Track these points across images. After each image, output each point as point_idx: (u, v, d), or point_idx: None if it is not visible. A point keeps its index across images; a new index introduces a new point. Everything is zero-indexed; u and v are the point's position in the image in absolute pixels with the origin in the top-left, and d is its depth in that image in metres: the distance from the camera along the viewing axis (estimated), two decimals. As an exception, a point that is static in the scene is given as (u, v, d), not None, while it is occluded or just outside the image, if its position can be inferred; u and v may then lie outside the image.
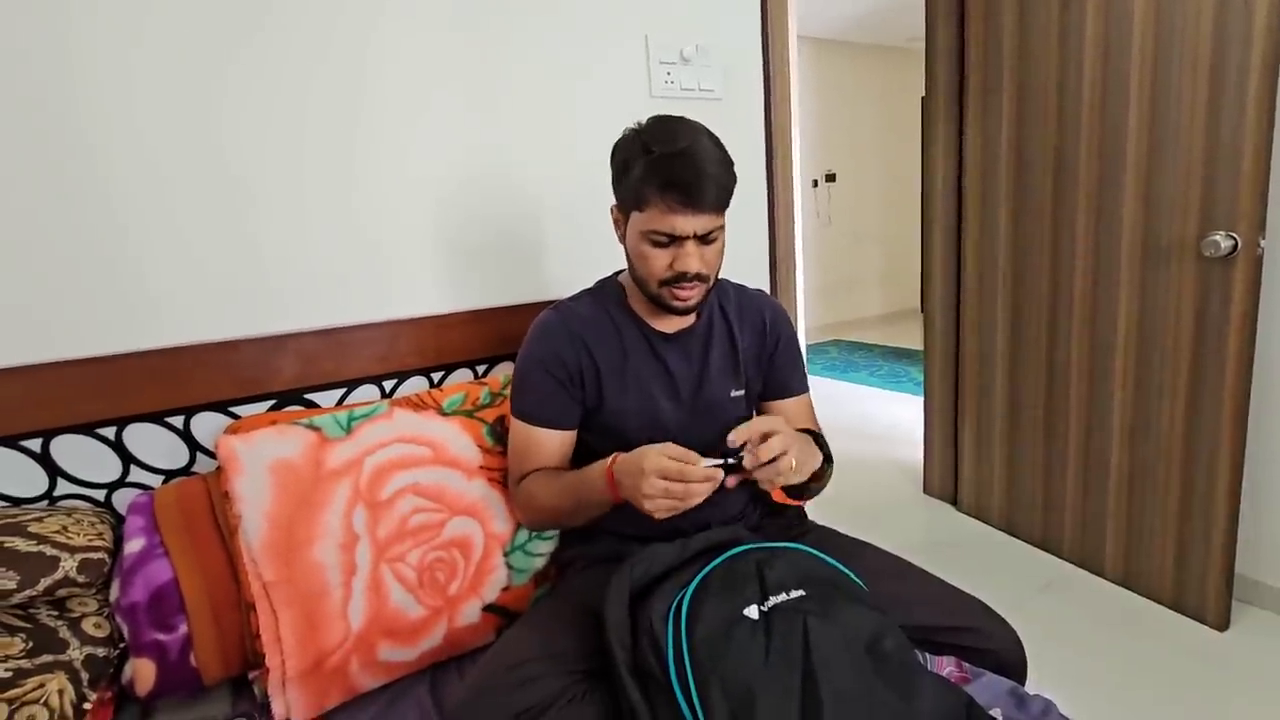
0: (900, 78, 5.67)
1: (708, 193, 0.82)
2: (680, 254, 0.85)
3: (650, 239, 0.86)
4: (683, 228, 0.83)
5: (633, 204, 0.87)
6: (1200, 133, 1.43)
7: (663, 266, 0.86)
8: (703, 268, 0.86)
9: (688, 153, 0.82)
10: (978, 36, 1.90)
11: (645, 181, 0.83)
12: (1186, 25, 1.42)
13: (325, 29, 1.06)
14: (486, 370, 1.25)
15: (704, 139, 0.85)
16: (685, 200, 0.82)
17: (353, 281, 1.13)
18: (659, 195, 0.82)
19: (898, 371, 4.13)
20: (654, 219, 0.84)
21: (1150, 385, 1.60)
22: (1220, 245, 1.41)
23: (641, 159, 0.84)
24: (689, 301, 0.89)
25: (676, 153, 0.82)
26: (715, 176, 0.83)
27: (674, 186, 0.81)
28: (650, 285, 0.89)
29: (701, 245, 0.86)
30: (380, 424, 0.99)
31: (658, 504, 0.75)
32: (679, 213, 0.82)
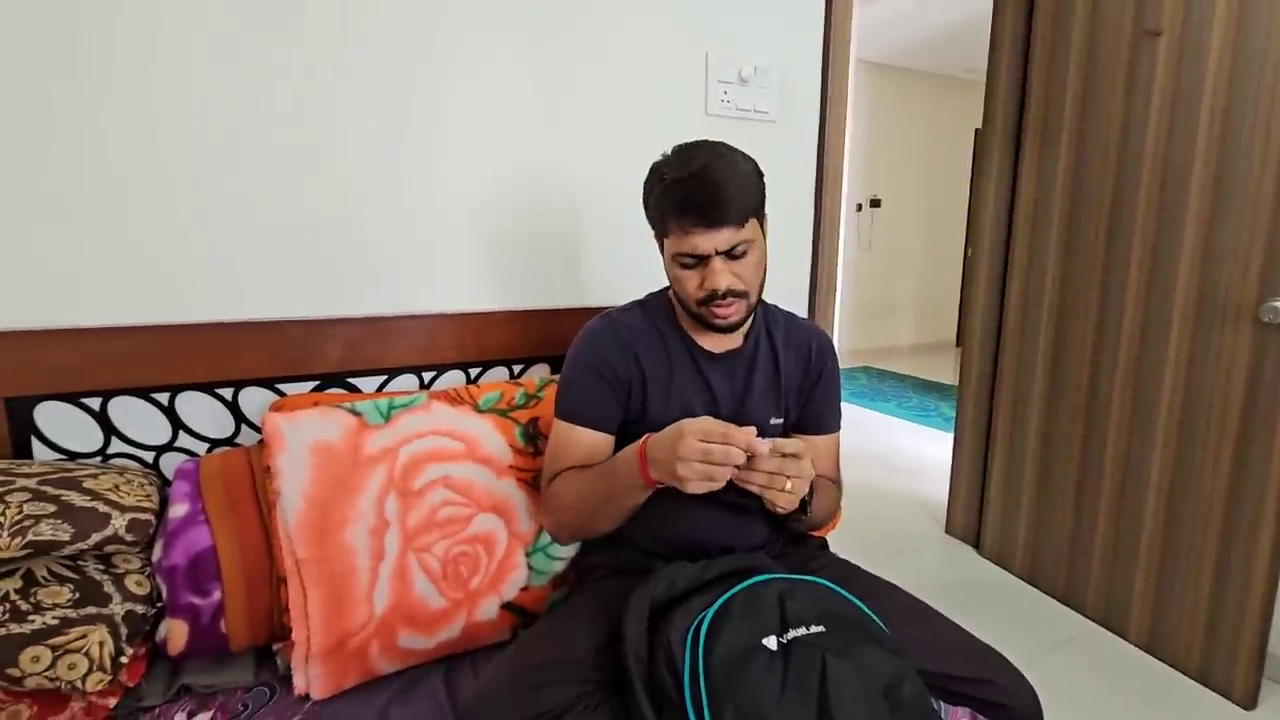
0: (953, 107, 5.61)
1: (722, 209, 0.83)
2: (708, 273, 0.86)
3: (679, 262, 0.89)
4: (703, 246, 0.85)
5: (660, 230, 0.91)
6: (1269, 193, 1.39)
7: (695, 287, 0.88)
8: (735, 283, 0.87)
9: (699, 174, 0.84)
10: (1041, 74, 1.87)
11: (663, 208, 0.87)
12: (1264, 79, 1.38)
13: (392, 20, 1.10)
14: (522, 371, 1.27)
15: (721, 157, 0.86)
16: (700, 220, 0.84)
17: (399, 272, 1.16)
18: (676, 219, 0.86)
19: (927, 405, 4.07)
20: (677, 242, 0.87)
21: (1193, 448, 1.56)
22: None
23: (658, 187, 0.88)
24: (729, 318, 0.89)
25: (688, 175, 0.84)
26: (731, 191, 0.84)
27: (688, 208, 0.84)
28: (690, 306, 0.91)
29: (729, 260, 0.87)
30: (418, 415, 1.01)
31: (694, 468, 0.73)
32: (696, 233, 0.84)
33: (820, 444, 1.03)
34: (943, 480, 2.37)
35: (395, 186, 1.14)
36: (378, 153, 1.12)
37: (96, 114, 0.94)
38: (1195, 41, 1.49)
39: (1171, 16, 1.53)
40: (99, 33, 0.93)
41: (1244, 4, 1.40)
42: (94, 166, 0.95)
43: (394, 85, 1.11)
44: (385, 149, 1.12)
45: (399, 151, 1.13)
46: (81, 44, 0.92)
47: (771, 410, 0.99)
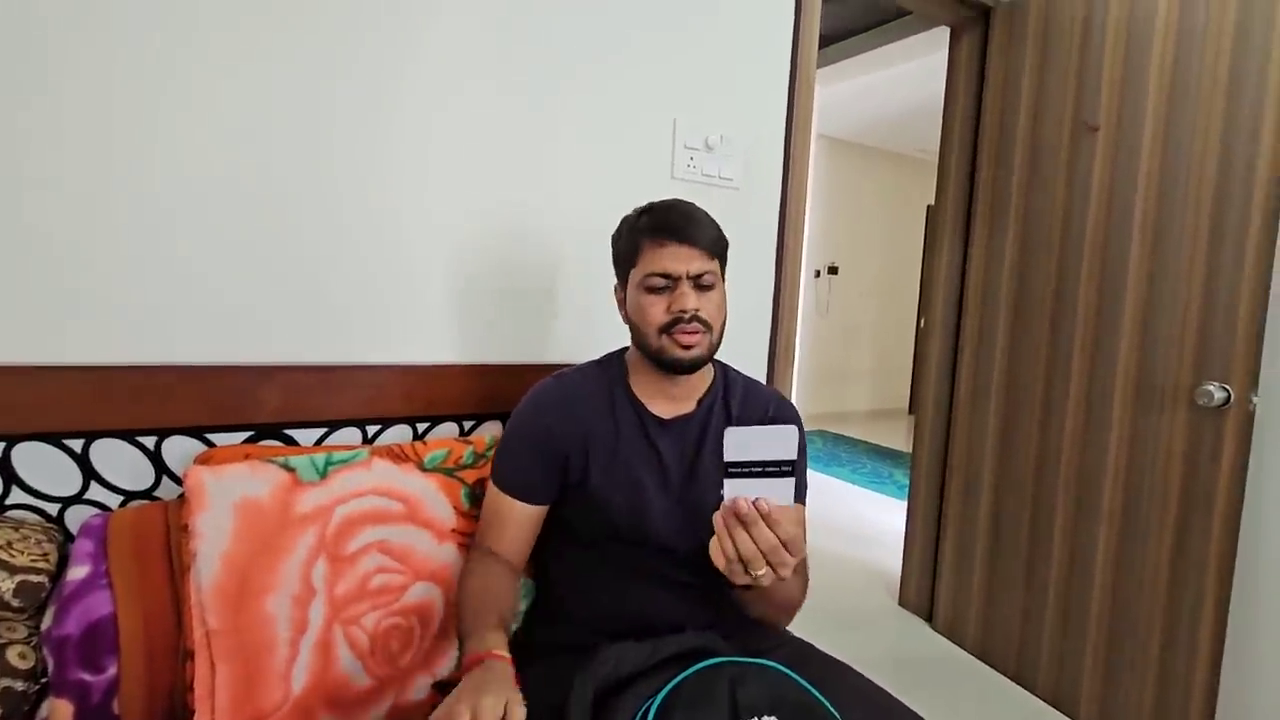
0: (907, 183, 5.90)
1: (697, 231, 0.87)
2: (677, 295, 0.87)
3: (647, 286, 0.88)
4: (675, 266, 0.86)
5: (628, 261, 0.92)
6: (1199, 283, 1.47)
7: (661, 311, 0.87)
8: (701, 309, 0.87)
9: (674, 204, 0.91)
10: (989, 159, 1.97)
11: (638, 232, 0.90)
12: (1190, 176, 1.48)
13: (363, 64, 1.09)
14: (473, 428, 1.22)
15: (693, 204, 0.93)
16: (674, 237, 0.86)
17: (352, 320, 1.12)
18: (650, 239, 0.88)
19: (881, 472, 4.11)
20: (648, 263, 0.88)
21: (1136, 528, 1.58)
22: (1214, 396, 1.43)
23: (631, 221, 0.93)
24: (693, 348, 0.87)
25: (665, 206, 0.91)
26: (704, 223, 0.89)
27: (664, 227, 0.88)
28: (651, 339, 0.89)
29: (698, 290, 0.88)
30: (357, 472, 0.96)
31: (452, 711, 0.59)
32: (669, 251, 0.86)
33: None
34: (896, 550, 2.37)
35: (357, 232, 1.10)
36: (340, 195, 1.09)
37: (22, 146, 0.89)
38: (1130, 136, 1.59)
39: (1108, 112, 1.64)
40: (57, 61, 0.89)
41: (1171, 102, 1.51)
42: (7, 197, 0.89)
43: (363, 129, 1.09)
44: (348, 191, 1.09)
45: (362, 195, 1.10)
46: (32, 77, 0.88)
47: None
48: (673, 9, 1.39)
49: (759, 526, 0.63)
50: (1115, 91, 1.63)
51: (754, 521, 0.63)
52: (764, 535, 0.64)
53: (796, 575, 0.85)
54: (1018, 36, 1.87)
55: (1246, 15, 1.39)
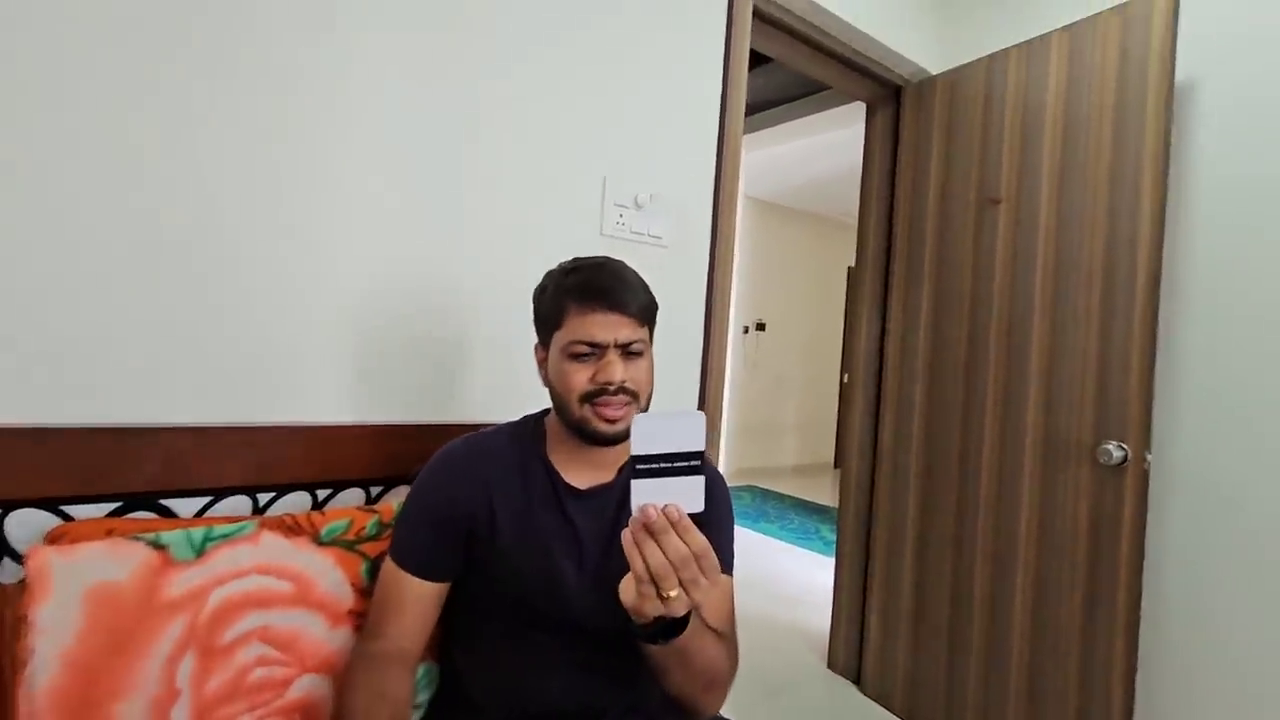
0: (830, 244, 6.19)
1: (626, 297, 0.83)
2: (603, 364, 0.82)
3: (570, 353, 0.83)
4: (603, 334, 0.81)
5: (553, 324, 0.86)
6: (1095, 347, 1.56)
7: (584, 380, 0.82)
8: (628, 380, 0.82)
9: (604, 265, 0.87)
10: (904, 226, 2.07)
11: (564, 294, 0.84)
12: (1083, 248, 1.59)
13: (270, 97, 1.03)
14: (381, 494, 1.13)
15: (622, 263, 0.89)
16: (605, 303, 0.82)
17: (241, 374, 1.01)
18: (577, 302, 0.83)
19: (808, 528, 4.13)
20: (573, 328, 0.83)
21: (1050, 583, 1.63)
22: (1113, 454, 1.50)
23: (557, 279, 0.87)
24: (616, 422, 0.82)
25: (593, 265, 0.87)
26: (634, 288, 0.85)
27: (592, 291, 0.83)
28: (572, 409, 0.83)
29: (625, 358, 0.83)
30: (241, 548, 0.85)
31: None
32: (597, 317, 0.82)
33: None
34: (825, 610, 2.35)
35: (252, 279, 1.02)
36: (233, 241, 1.00)
37: None
38: (1029, 210, 1.71)
39: (1009, 187, 1.76)
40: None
41: (1063, 179, 1.63)
42: None
43: (261, 173, 1.02)
44: (242, 238, 1.01)
45: (258, 242, 1.02)
46: None
47: None
48: (604, 67, 1.41)
49: (669, 535, 0.59)
50: (1014, 167, 1.75)
51: (664, 530, 0.59)
52: (674, 545, 0.59)
53: (723, 642, 0.80)
54: (926, 113, 2.00)
55: (1123, 100, 1.52)
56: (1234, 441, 1.51)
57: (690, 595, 0.60)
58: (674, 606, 0.61)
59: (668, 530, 0.59)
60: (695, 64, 1.58)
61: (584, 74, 1.38)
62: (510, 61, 1.27)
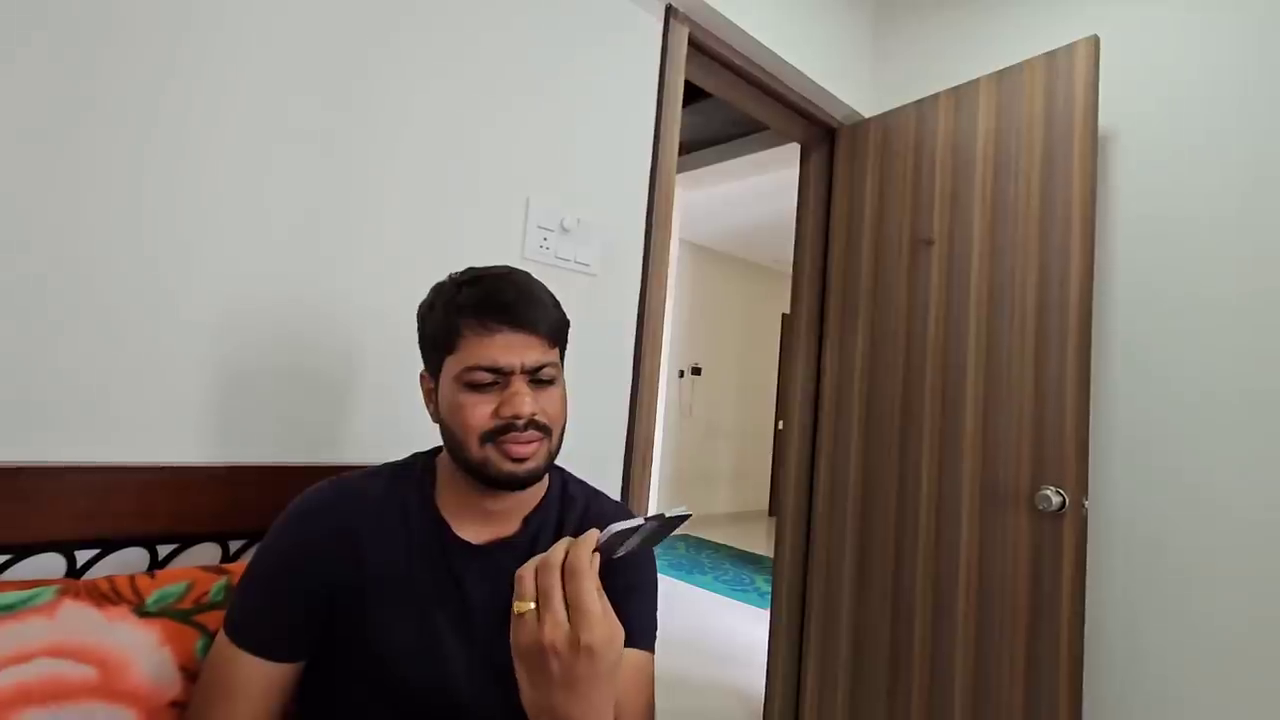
0: (764, 291, 6.27)
1: (534, 312, 0.70)
2: (508, 395, 0.68)
3: (467, 381, 0.68)
4: (508, 358, 0.67)
5: (443, 347, 0.71)
6: (1030, 390, 1.53)
7: (485, 415, 0.67)
8: (539, 413, 0.69)
9: (505, 275, 0.72)
10: (838, 269, 2.04)
11: (457, 311, 0.69)
12: (1015, 290, 1.58)
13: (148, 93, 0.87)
14: (242, 550, 0.94)
15: (528, 274, 0.75)
16: (508, 318, 0.68)
17: (65, 403, 0.83)
18: (474, 319, 0.68)
19: (742, 578, 4.01)
20: (470, 351, 0.68)
21: (990, 633, 1.55)
22: (1051, 500, 1.46)
23: (450, 291, 0.72)
24: (527, 464, 0.68)
25: (493, 274, 0.72)
26: (543, 303, 0.72)
27: (493, 306, 0.68)
28: (471, 449, 0.68)
29: (535, 386, 0.69)
30: (30, 623, 0.66)
31: None
32: (500, 334, 0.68)
33: (624, 673, 0.68)
34: (759, 668, 2.21)
35: (58, 281, 0.84)
36: (61, 236, 0.83)
37: None
38: (961, 251, 1.69)
39: (940, 227, 1.75)
40: None
41: (994, 220, 1.63)
42: None
43: (110, 153, 0.86)
44: (73, 231, 0.84)
45: (102, 240, 0.85)
46: None
47: None
48: (531, 84, 1.31)
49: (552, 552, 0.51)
50: (946, 209, 1.74)
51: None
52: (549, 555, 0.50)
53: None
54: (859, 155, 2.00)
55: (1050, 144, 1.54)
56: (1164, 486, 1.49)
57: (539, 621, 0.48)
58: (519, 624, 0.49)
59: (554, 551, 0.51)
60: (629, 90, 1.51)
61: (509, 88, 1.28)
62: (424, 65, 1.16)
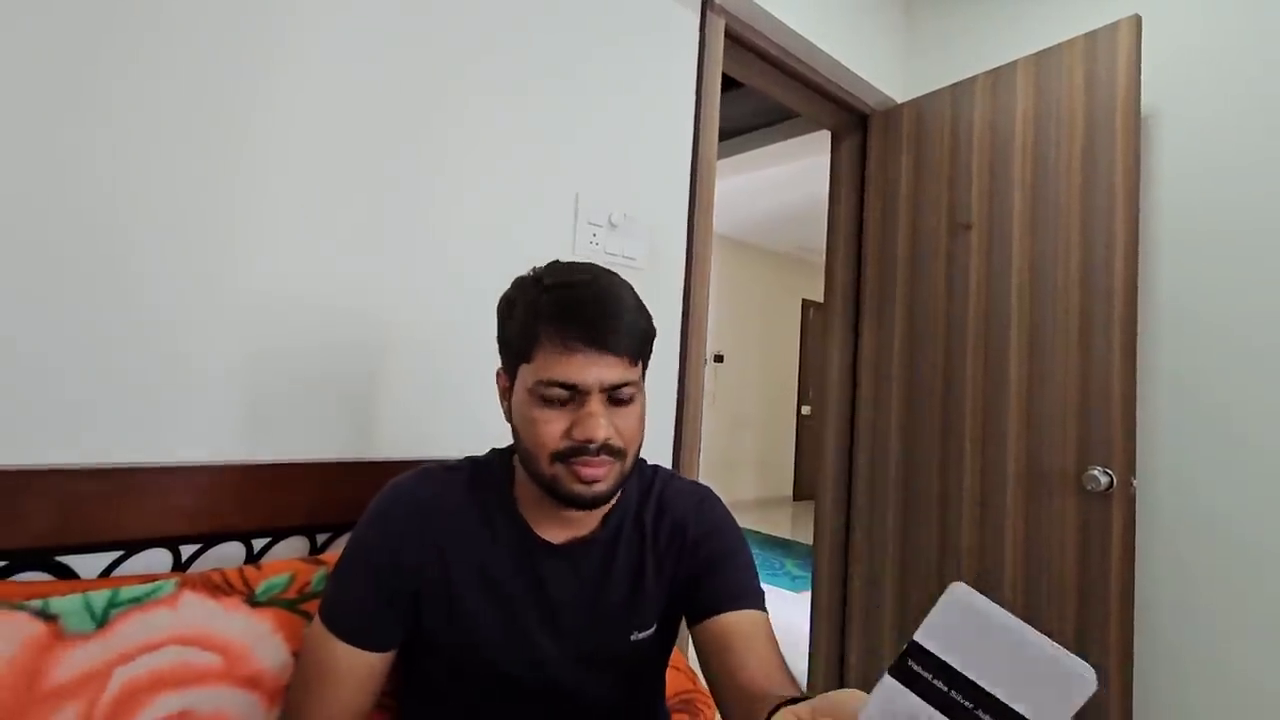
0: (784, 279, 6.26)
1: (618, 330, 0.64)
2: (581, 415, 0.64)
3: (541, 395, 0.65)
4: (585, 377, 0.63)
5: (520, 353, 0.68)
6: (1075, 371, 1.54)
7: (557, 433, 0.65)
8: (613, 436, 0.66)
9: (592, 284, 0.67)
10: (874, 255, 2.04)
11: (536, 317, 0.65)
12: (1058, 271, 1.58)
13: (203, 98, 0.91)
14: (329, 541, 0.98)
15: (614, 278, 0.70)
16: (588, 336, 0.63)
17: (153, 405, 0.85)
18: (554, 330, 0.64)
19: (773, 562, 4.05)
20: (546, 364, 0.64)
21: (1039, 616, 1.57)
22: (1099, 480, 1.47)
23: (532, 292, 0.68)
24: (597, 486, 0.66)
25: (577, 282, 0.67)
26: (628, 314, 0.66)
27: (575, 319, 0.64)
28: (541, 464, 0.67)
29: (611, 405, 0.66)
30: (155, 613, 0.70)
31: None
32: (579, 353, 0.63)
33: (742, 624, 0.69)
34: (796, 649, 2.24)
35: (157, 284, 0.87)
36: (157, 237, 0.87)
37: None
38: (1000, 234, 1.70)
39: (979, 211, 1.75)
40: None
41: (1035, 201, 1.63)
42: None
43: (195, 171, 0.89)
44: (162, 240, 0.88)
45: (192, 246, 0.89)
46: None
47: (635, 621, 0.74)
48: (573, 82, 1.33)
49: None
50: (984, 193, 1.74)
51: None
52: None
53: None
54: (893, 140, 2.00)
55: (1092, 126, 1.54)
56: (1214, 462, 1.50)
57: None
58: None
59: None
60: (668, 84, 1.52)
61: (555, 89, 1.30)
62: (472, 66, 1.18)
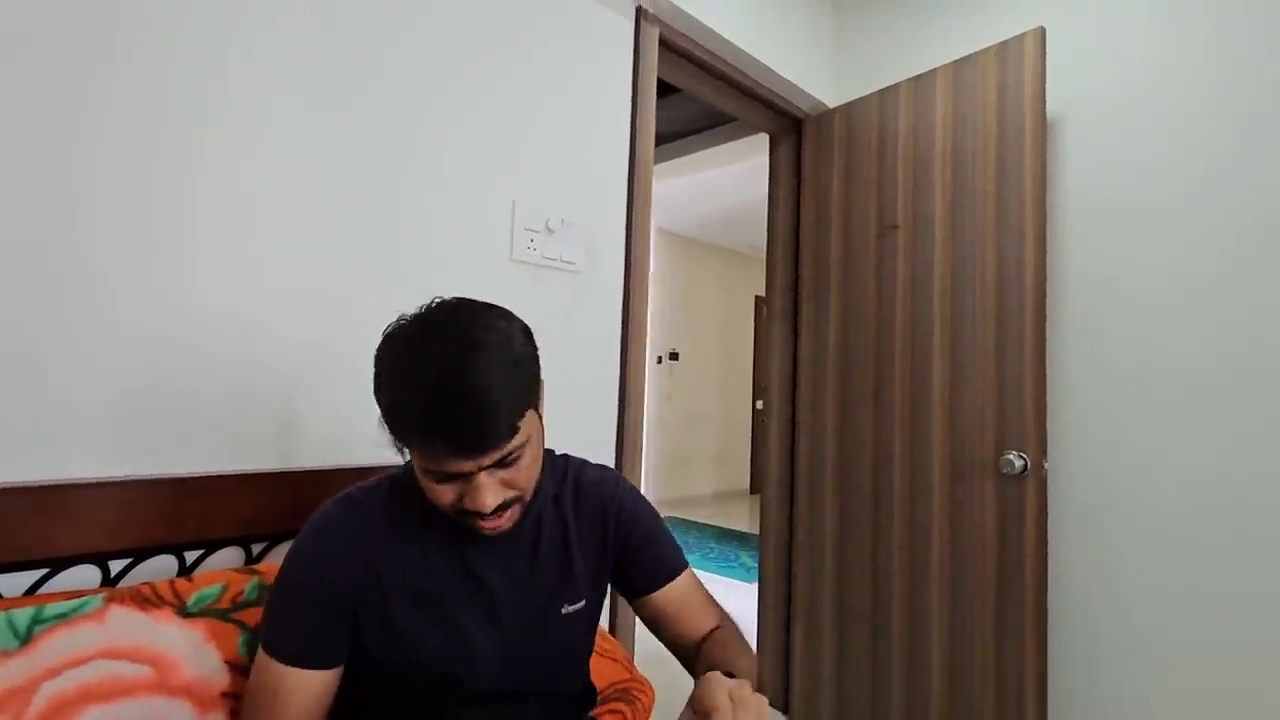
0: (737, 276, 6.36)
1: (484, 431, 0.63)
2: (472, 489, 0.67)
3: (429, 474, 0.68)
4: (462, 468, 0.65)
5: (400, 440, 0.68)
6: (992, 362, 1.63)
7: (451, 500, 0.69)
8: (506, 493, 0.69)
9: (453, 382, 0.62)
10: (809, 254, 2.12)
11: (403, 421, 0.65)
12: (975, 270, 1.67)
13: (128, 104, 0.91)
14: (266, 550, 0.99)
15: (477, 359, 0.64)
16: (455, 450, 0.63)
17: (85, 422, 0.86)
18: (422, 442, 0.65)
19: (728, 555, 4.13)
20: (425, 460, 0.66)
21: (962, 593, 1.66)
22: (1015, 464, 1.56)
23: (394, 386, 0.65)
24: (500, 528, 0.71)
25: (436, 385, 0.62)
26: (495, 406, 0.63)
27: (438, 432, 0.63)
28: (446, 514, 0.71)
29: (499, 469, 0.68)
30: (81, 629, 0.71)
31: None
32: (451, 459, 0.64)
33: (679, 591, 0.87)
34: (748, 639, 2.31)
35: (113, 298, 0.88)
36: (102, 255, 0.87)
37: None
38: (924, 235, 1.78)
39: (904, 213, 1.83)
40: None
41: (955, 203, 1.72)
42: None
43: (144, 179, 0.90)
44: (110, 250, 0.88)
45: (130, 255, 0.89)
46: None
47: (566, 595, 0.80)
48: (510, 90, 1.36)
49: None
50: (909, 195, 1.83)
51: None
52: None
53: (743, 657, 0.84)
54: (826, 144, 2.08)
55: (1004, 131, 1.63)
56: (1117, 444, 1.61)
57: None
58: None
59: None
60: (604, 92, 1.56)
61: (490, 97, 1.33)
62: (405, 80, 1.20)
